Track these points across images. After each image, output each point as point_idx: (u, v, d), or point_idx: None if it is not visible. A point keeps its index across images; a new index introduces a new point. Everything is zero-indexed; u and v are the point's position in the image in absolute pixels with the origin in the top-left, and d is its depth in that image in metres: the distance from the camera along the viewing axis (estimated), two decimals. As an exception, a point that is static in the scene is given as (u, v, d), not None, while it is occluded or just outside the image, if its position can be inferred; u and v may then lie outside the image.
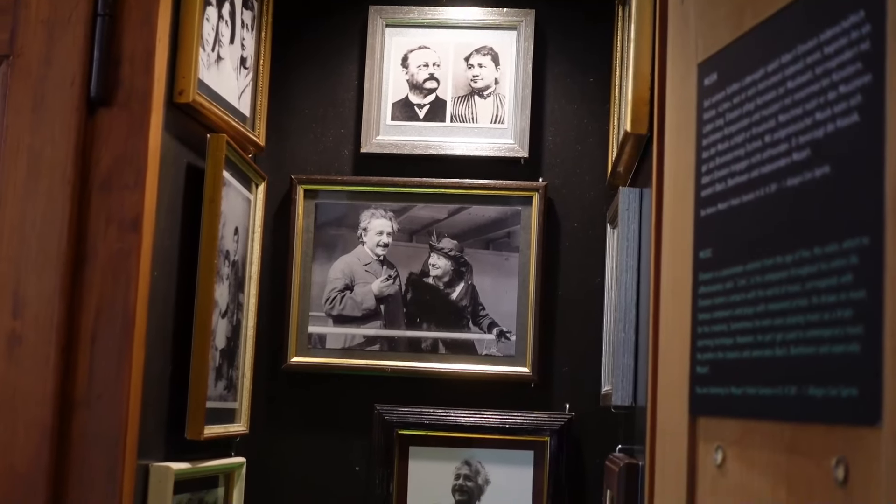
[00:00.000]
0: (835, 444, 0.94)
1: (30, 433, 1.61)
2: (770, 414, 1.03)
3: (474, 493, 2.37)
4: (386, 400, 2.42)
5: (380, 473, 2.38)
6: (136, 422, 1.66)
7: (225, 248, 2.11)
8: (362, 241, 2.48)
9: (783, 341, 1.01)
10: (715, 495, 1.19)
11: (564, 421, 2.35)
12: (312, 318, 2.47)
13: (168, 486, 1.78)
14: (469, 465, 2.38)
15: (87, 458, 1.61)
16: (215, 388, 2.08)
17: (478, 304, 2.43)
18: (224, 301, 2.12)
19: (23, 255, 1.66)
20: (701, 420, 1.23)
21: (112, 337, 1.65)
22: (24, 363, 1.63)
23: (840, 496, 0.92)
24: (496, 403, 2.40)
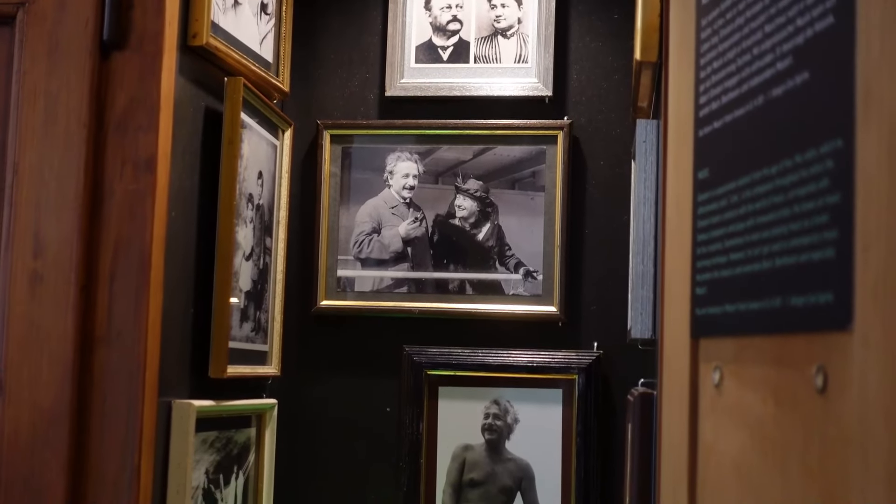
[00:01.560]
0: (815, 352, 0.93)
1: (53, 369, 1.64)
2: (759, 328, 1.03)
3: (503, 432, 2.38)
4: (414, 341, 2.44)
5: (409, 414, 2.40)
6: (155, 359, 1.69)
7: (247, 191, 2.13)
8: (388, 184, 2.49)
9: (769, 254, 1.00)
10: (714, 414, 1.19)
11: (592, 359, 2.35)
12: (341, 261, 2.49)
13: (190, 422, 1.81)
14: (498, 405, 2.39)
15: (109, 394, 1.65)
16: (240, 329, 2.11)
17: (504, 244, 2.44)
18: (248, 244, 2.14)
19: (42, 197, 1.69)
20: (702, 342, 1.23)
21: (130, 275, 1.67)
22: (46, 302, 1.66)
23: (820, 403, 0.92)
24: (524, 343, 2.41)
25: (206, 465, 1.96)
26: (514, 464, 2.37)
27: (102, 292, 1.67)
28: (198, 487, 1.92)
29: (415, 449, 2.39)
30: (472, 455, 2.39)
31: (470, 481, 2.38)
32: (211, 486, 1.99)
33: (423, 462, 2.39)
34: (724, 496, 1.09)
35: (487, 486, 2.37)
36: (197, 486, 1.91)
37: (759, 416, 1.06)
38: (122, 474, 1.62)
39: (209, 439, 1.98)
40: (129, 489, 1.62)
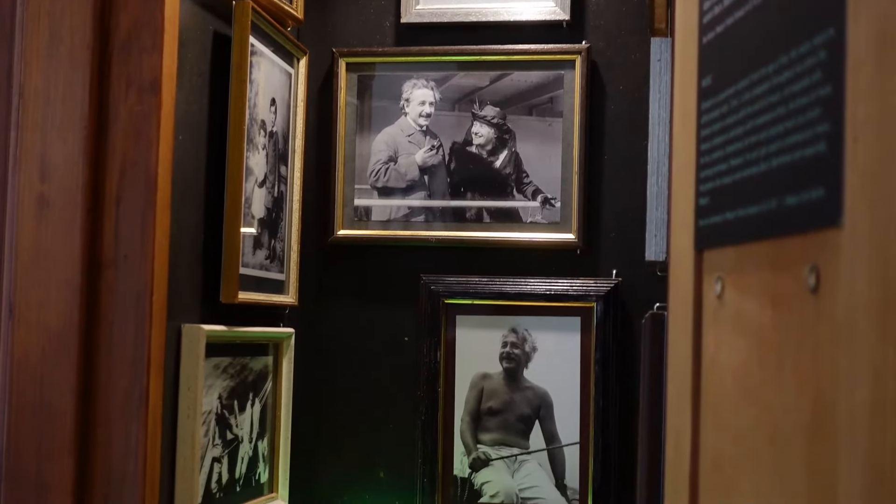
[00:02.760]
0: (808, 253, 0.91)
1: (61, 292, 1.64)
2: (756, 233, 1.00)
3: (521, 361, 2.37)
4: (432, 270, 2.43)
5: (427, 343, 2.39)
6: (163, 282, 1.68)
7: (259, 117, 2.11)
8: (405, 112, 2.46)
9: (766, 155, 0.98)
10: (716, 325, 1.17)
11: (611, 286, 2.33)
12: (358, 190, 2.47)
13: (199, 345, 1.81)
14: (516, 333, 2.38)
15: (116, 316, 1.65)
16: (254, 256, 2.10)
17: (521, 171, 2.41)
18: (261, 170, 2.13)
19: (48, 120, 1.68)
20: (705, 254, 1.20)
21: (136, 198, 1.66)
22: (53, 225, 1.66)
23: (812, 304, 0.90)
24: (542, 271, 2.39)
25: (219, 390, 1.97)
26: (533, 392, 2.36)
27: (109, 215, 1.66)
28: (210, 412, 1.92)
29: (433, 378, 2.39)
30: (491, 384, 2.38)
31: (488, 410, 2.37)
32: (224, 411, 1.99)
33: (442, 391, 2.39)
34: (724, 406, 1.08)
35: (506, 415, 2.37)
36: (209, 410, 1.92)
37: (757, 323, 1.04)
38: (131, 396, 1.62)
39: (222, 365, 1.98)
40: (138, 411, 1.62)
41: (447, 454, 2.38)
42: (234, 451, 2.06)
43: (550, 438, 2.34)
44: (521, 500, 2.34)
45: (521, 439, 2.35)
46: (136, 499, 1.60)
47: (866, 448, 0.69)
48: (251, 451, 2.15)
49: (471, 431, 2.37)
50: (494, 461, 2.36)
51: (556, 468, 2.33)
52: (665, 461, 1.33)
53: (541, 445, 2.34)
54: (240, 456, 2.08)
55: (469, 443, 2.37)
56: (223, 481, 2.00)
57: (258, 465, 2.19)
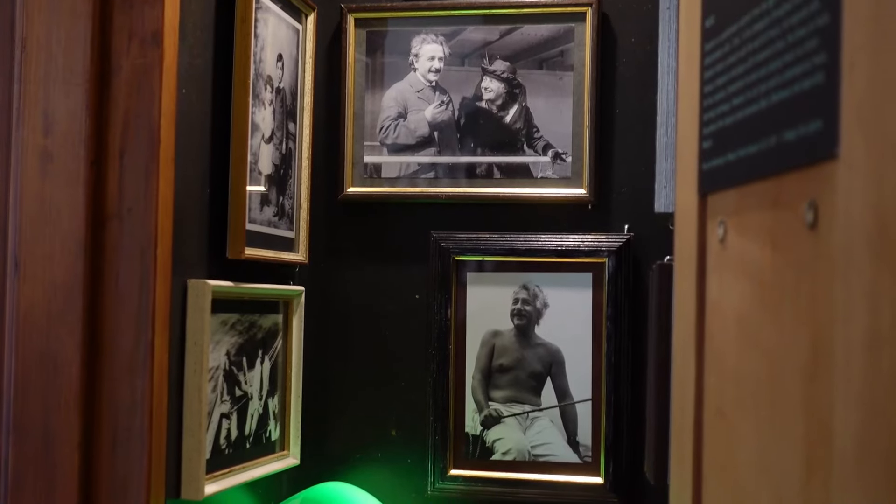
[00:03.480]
0: (807, 189, 0.90)
1: (66, 245, 1.64)
2: (757, 172, 0.99)
3: (533, 317, 2.36)
4: (442, 227, 2.41)
5: (438, 300, 2.38)
6: (168, 235, 1.68)
7: (266, 72, 2.09)
8: (414, 67, 2.44)
9: (766, 91, 0.96)
10: (719, 270, 1.16)
11: (623, 241, 2.31)
12: (367, 147, 2.45)
13: (205, 300, 1.80)
14: (527, 290, 2.36)
15: (121, 270, 1.64)
16: (261, 213, 2.09)
17: (532, 126, 2.38)
18: (268, 126, 2.12)
19: (50, 73, 1.67)
20: (709, 199, 1.19)
21: (139, 151, 1.65)
22: (57, 179, 1.65)
23: (811, 240, 0.88)
24: (553, 226, 2.37)
25: (227, 346, 1.96)
26: (544, 349, 2.35)
27: (112, 168, 1.66)
28: (218, 368, 1.92)
29: (444, 335, 2.38)
30: (502, 341, 2.37)
31: (499, 367, 2.37)
32: (233, 367, 1.99)
33: (452, 348, 2.38)
34: (727, 351, 1.06)
35: (517, 372, 2.36)
36: (217, 366, 1.92)
37: (758, 264, 1.02)
38: (137, 350, 1.62)
39: (230, 321, 1.98)
40: (144, 364, 1.62)
41: (459, 412, 2.38)
42: (244, 408, 2.06)
43: (562, 395, 2.33)
44: (533, 456, 2.33)
45: (532, 396, 2.34)
46: (143, 451, 1.61)
47: (861, 382, 0.68)
48: (261, 409, 2.15)
49: (482, 389, 2.37)
50: (506, 418, 2.35)
51: (567, 425, 2.32)
52: (671, 409, 1.32)
53: (552, 402, 2.33)
54: (249, 413, 2.09)
55: (480, 400, 2.37)
56: (232, 437, 2.00)
57: (269, 423, 2.19)
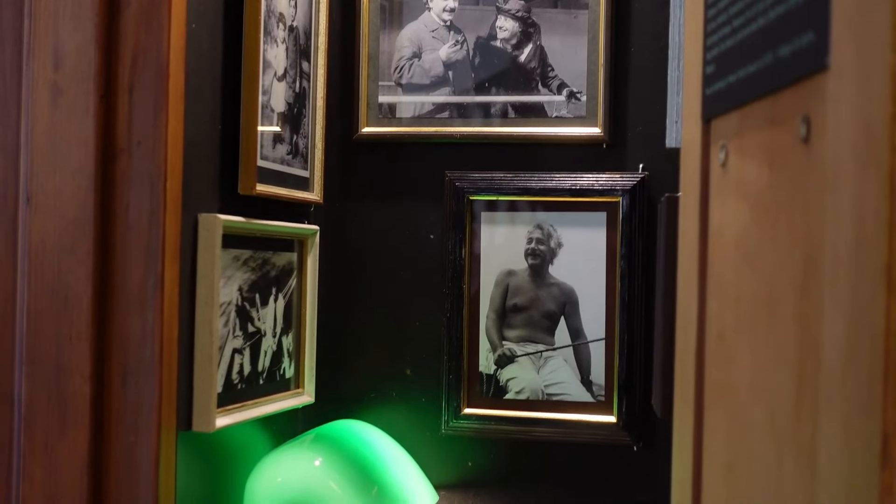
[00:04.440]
0: (801, 103, 0.89)
1: (76, 180, 1.65)
2: (755, 91, 0.98)
3: (547, 257, 2.36)
4: (457, 167, 2.41)
5: (452, 240, 2.38)
6: (177, 169, 1.68)
7: (278, 10, 2.08)
8: (428, 6, 2.42)
9: (764, 9, 0.95)
10: (720, 196, 1.16)
11: (637, 180, 2.29)
12: (382, 87, 2.45)
13: (216, 234, 1.81)
14: (541, 229, 2.36)
15: (131, 203, 1.65)
16: (274, 150, 2.09)
17: (546, 65, 2.37)
18: (280, 64, 2.11)
19: (59, 8, 1.67)
20: (712, 124, 1.18)
21: (148, 85, 1.66)
22: (67, 113, 1.66)
23: (804, 154, 0.88)
24: (568, 166, 2.36)
25: (239, 282, 1.97)
26: (558, 288, 2.35)
27: (122, 102, 1.66)
28: (230, 303, 1.93)
29: (458, 275, 2.38)
30: (516, 280, 2.37)
31: (513, 307, 2.37)
32: (245, 304, 2.00)
33: (467, 288, 2.38)
34: (727, 275, 1.06)
35: (531, 312, 2.36)
36: (229, 301, 1.93)
37: (756, 185, 1.02)
38: (147, 283, 1.63)
39: (242, 257, 1.99)
40: (154, 297, 1.63)
41: (472, 351, 2.39)
42: (257, 344, 2.07)
43: (576, 334, 2.33)
44: (547, 395, 2.34)
45: (546, 336, 2.35)
46: (154, 383, 1.62)
47: (846, 290, 0.67)
48: (275, 346, 2.16)
49: (496, 328, 2.37)
50: (520, 358, 2.36)
51: (581, 364, 2.33)
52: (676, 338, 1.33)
53: (566, 342, 2.34)
54: (263, 349, 2.10)
55: (494, 339, 2.37)
56: (245, 373, 2.02)
57: (283, 360, 2.21)
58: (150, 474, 1.61)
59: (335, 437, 2.12)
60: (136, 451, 1.62)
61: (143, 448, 1.62)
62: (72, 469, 1.62)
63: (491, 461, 2.39)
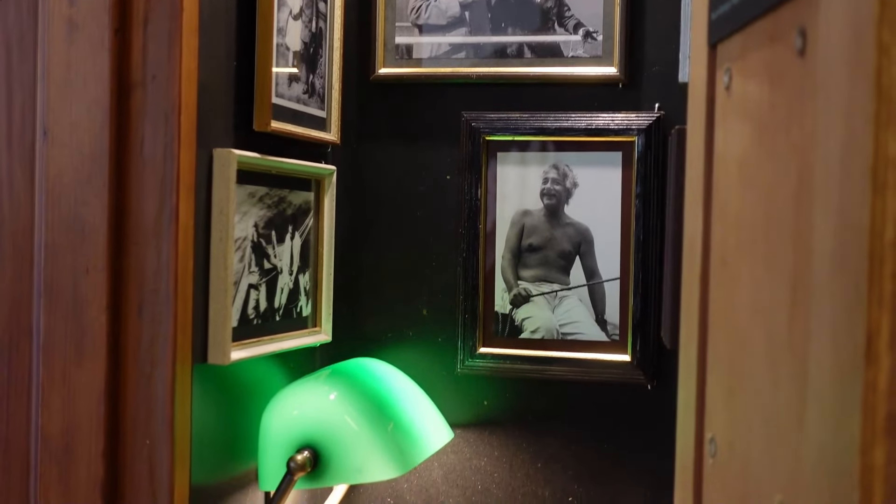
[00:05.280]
0: (798, 16, 0.89)
1: (92, 114, 1.67)
2: (757, 8, 0.98)
3: (562, 197, 2.36)
4: (473, 107, 2.41)
5: (468, 180, 2.39)
6: (192, 103, 1.70)
7: (293, -54, 2.09)
8: (445, -55, 2.42)
9: (767, -75, 0.95)
10: (724, 120, 1.16)
11: (652, 120, 2.29)
12: (398, 28, 2.44)
13: (230, 168, 1.82)
14: (557, 169, 2.36)
15: (146, 136, 1.67)
16: (290, 89, 2.10)
17: (563, 4, 2.36)
18: (296, 2, 2.11)
19: (74, -58, 1.68)
20: (718, 48, 1.18)
21: (162, 20, 1.66)
22: (82, 48, 1.67)
23: (800, 67, 0.88)
24: (583, 106, 2.36)
25: (255, 218, 1.99)
26: (573, 228, 2.35)
27: (136, 36, 1.67)
28: (245, 238, 1.95)
29: (474, 216, 2.39)
30: (531, 220, 2.38)
31: (529, 246, 2.38)
32: (261, 240, 2.02)
33: (483, 228, 2.39)
34: (730, 198, 1.07)
35: (546, 251, 2.37)
36: (244, 237, 1.95)
37: (757, 104, 1.02)
38: (162, 215, 1.65)
39: (258, 194, 2.00)
40: (168, 229, 1.65)
41: (488, 291, 2.40)
42: (273, 281, 2.09)
43: (591, 274, 2.34)
44: (562, 335, 2.36)
45: (561, 275, 2.36)
46: (169, 315, 1.65)
47: (836, 193, 0.68)
48: (291, 284, 2.19)
49: (512, 268, 2.39)
50: (535, 297, 2.37)
51: (596, 304, 2.34)
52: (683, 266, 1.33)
53: (581, 281, 2.35)
54: (279, 286, 2.12)
55: (510, 279, 2.39)
56: (261, 308, 2.04)
57: (299, 298, 2.23)
58: (165, 404, 1.64)
59: (351, 373, 2.15)
60: (152, 382, 1.65)
61: (158, 378, 1.65)
62: (89, 399, 1.65)
63: (506, 400, 2.42)
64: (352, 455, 1.98)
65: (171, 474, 1.65)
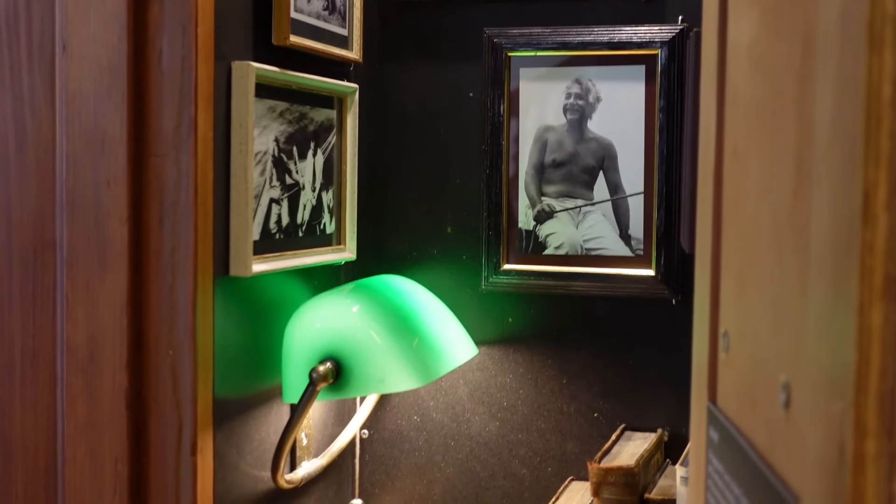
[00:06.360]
0: None
1: (110, 26, 1.67)
2: None
3: (585, 111, 2.35)
4: (495, 23, 2.39)
5: (491, 97, 2.38)
6: (209, 15, 1.69)
7: None
8: None
9: None
10: (737, 8, 1.14)
11: (676, 32, 2.26)
12: (419, -57, 2.42)
13: (249, 82, 1.82)
14: (580, 84, 2.35)
15: (164, 49, 1.66)
16: (309, 4, 2.09)
17: (585, -85, 2.33)
18: (313, -85, 2.10)
19: None
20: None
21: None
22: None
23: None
24: (606, 20, 2.33)
25: (275, 133, 2.00)
26: (597, 143, 2.34)
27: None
28: (266, 153, 1.96)
29: (497, 132, 2.38)
30: (554, 136, 2.37)
31: (552, 162, 2.37)
32: (282, 155, 2.03)
33: (506, 145, 2.38)
34: (741, 88, 1.06)
35: (570, 167, 2.36)
36: (265, 151, 1.95)
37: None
38: (181, 127, 1.66)
39: (278, 109, 2.00)
40: (188, 141, 1.66)
41: (512, 207, 2.40)
42: (295, 197, 2.10)
43: (614, 189, 2.33)
44: (586, 250, 2.35)
45: (585, 190, 2.35)
46: (189, 226, 1.66)
47: (835, 59, 0.67)
48: (314, 201, 2.19)
49: (535, 184, 2.38)
50: (559, 213, 2.37)
51: (620, 218, 2.33)
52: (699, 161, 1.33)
53: (605, 196, 2.34)
54: (301, 202, 2.13)
55: (533, 195, 2.38)
56: (283, 223, 2.05)
57: (322, 215, 2.24)
58: (187, 315, 1.66)
59: (375, 287, 2.16)
60: (174, 292, 1.66)
61: (180, 289, 1.66)
62: (112, 309, 1.67)
63: (530, 316, 2.42)
64: (374, 366, 2.00)
65: (194, 384, 1.67)
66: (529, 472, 2.43)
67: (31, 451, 1.75)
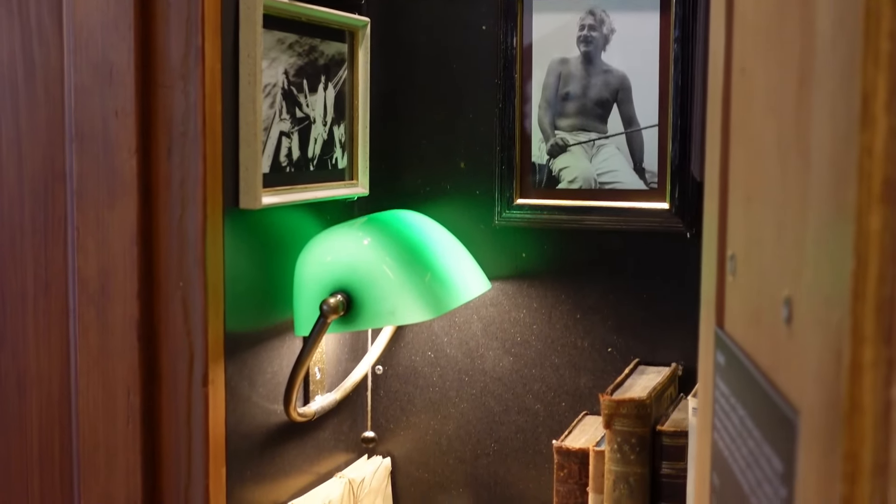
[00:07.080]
0: None
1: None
2: None
3: (599, 43, 2.32)
4: (508, -47, 2.36)
5: (504, 29, 2.35)
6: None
7: None
8: None
9: None
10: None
11: (691, -38, 2.23)
12: None
13: (256, 12, 1.81)
14: (593, 15, 2.31)
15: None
16: (318, -67, 2.07)
17: None
18: None
19: None
20: None
21: None
22: None
23: None
24: (621, -51, 2.29)
25: (285, 65, 1.98)
26: (611, 75, 2.32)
27: None
28: (275, 85, 1.95)
29: (510, 65, 2.36)
30: (568, 68, 2.34)
31: (566, 95, 2.35)
32: (292, 88, 2.01)
33: (518, 77, 2.36)
34: (748, 4, 1.04)
35: (583, 99, 2.34)
36: (274, 83, 1.94)
37: None
38: (188, 56, 1.65)
39: (287, 41, 1.99)
40: (195, 71, 1.64)
41: (525, 141, 2.38)
42: (306, 130, 2.09)
43: (629, 122, 2.31)
44: (600, 184, 2.34)
45: (598, 124, 2.33)
46: (198, 157, 1.65)
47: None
48: (325, 135, 2.18)
49: (548, 118, 2.36)
50: (572, 147, 2.35)
51: (634, 152, 2.31)
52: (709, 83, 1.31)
53: (619, 129, 2.32)
54: (312, 136, 2.12)
55: (547, 129, 2.36)
56: (294, 157, 2.04)
57: (334, 150, 2.23)
58: (197, 246, 1.66)
59: (387, 221, 2.16)
60: (184, 223, 1.66)
61: (189, 220, 1.66)
62: (122, 240, 1.67)
63: (544, 251, 2.41)
64: (385, 298, 2.00)
65: (204, 316, 1.68)
66: (543, 407, 2.44)
67: (45, 381, 1.76)
